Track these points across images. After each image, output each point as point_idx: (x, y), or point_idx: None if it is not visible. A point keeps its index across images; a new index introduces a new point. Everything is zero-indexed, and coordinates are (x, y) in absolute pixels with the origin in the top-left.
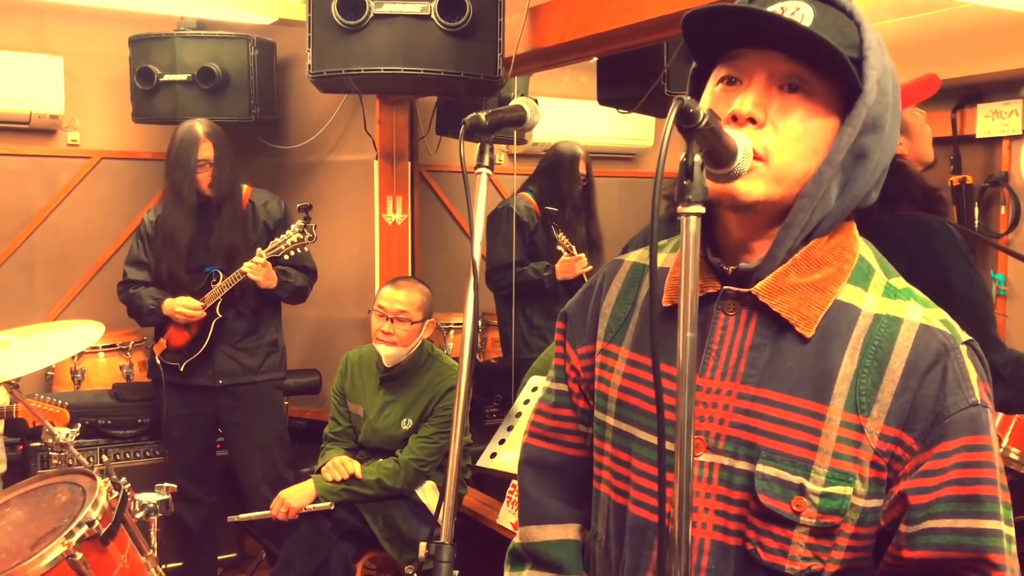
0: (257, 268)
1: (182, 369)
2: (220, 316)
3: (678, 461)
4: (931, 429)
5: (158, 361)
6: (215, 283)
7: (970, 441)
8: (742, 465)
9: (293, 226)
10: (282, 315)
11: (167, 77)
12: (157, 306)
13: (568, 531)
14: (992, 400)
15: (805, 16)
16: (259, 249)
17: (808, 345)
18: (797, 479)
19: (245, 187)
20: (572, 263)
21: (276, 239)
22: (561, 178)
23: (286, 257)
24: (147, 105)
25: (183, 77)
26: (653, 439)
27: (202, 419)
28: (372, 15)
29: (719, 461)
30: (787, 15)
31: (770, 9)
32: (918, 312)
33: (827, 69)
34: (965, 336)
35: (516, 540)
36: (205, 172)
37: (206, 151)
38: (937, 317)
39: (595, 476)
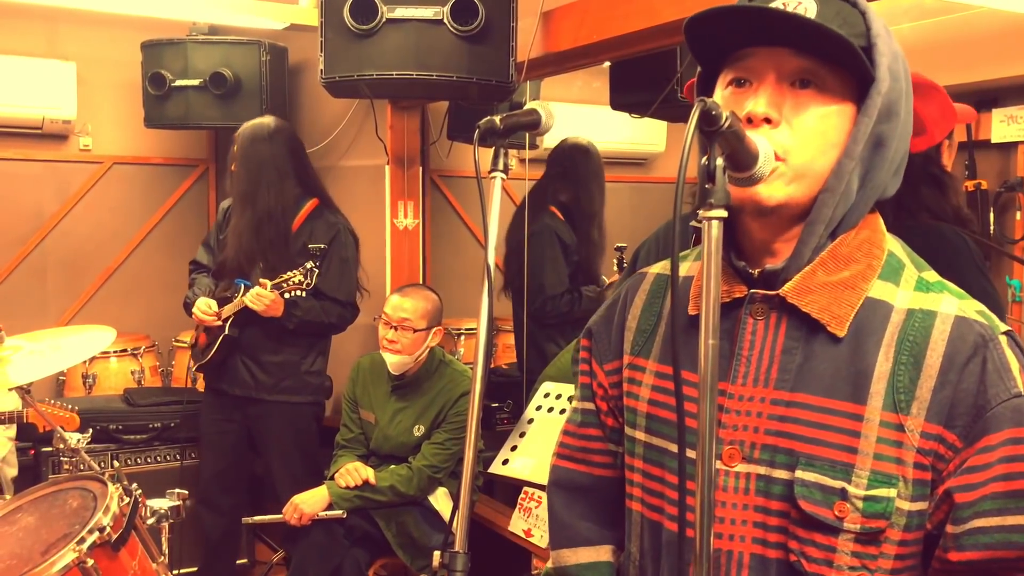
0: (256, 299)
1: (194, 369)
2: (227, 332)
3: (699, 470)
4: (973, 424)
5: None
6: (236, 295)
7: (1015, 434)
8: (780, 473)
9: (302, 266)
10: (327, 339)
11: (179, 82)
12: (192, 301)
13: (600, 553)
14: None
15: (808, 10)
16: (265, 280)
17: (841, 345)
18: (838, 483)
19: (311, 201)
20: None
21: (285, 274)
22: (592, 189)
23: (286, 296)
24: (159, 110)
25: (195, 82)
26: (691, 453)
27: (233, 426)
28: (384, 20)
29: (755, 471)
30: (790, 10)
31: (772, 6)
32: (953, 304)
33: (837, 61)
34: (1004, 326)
35: (549, 564)
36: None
37: (234, 150)
38: (973, 308)
39: (627, 494)
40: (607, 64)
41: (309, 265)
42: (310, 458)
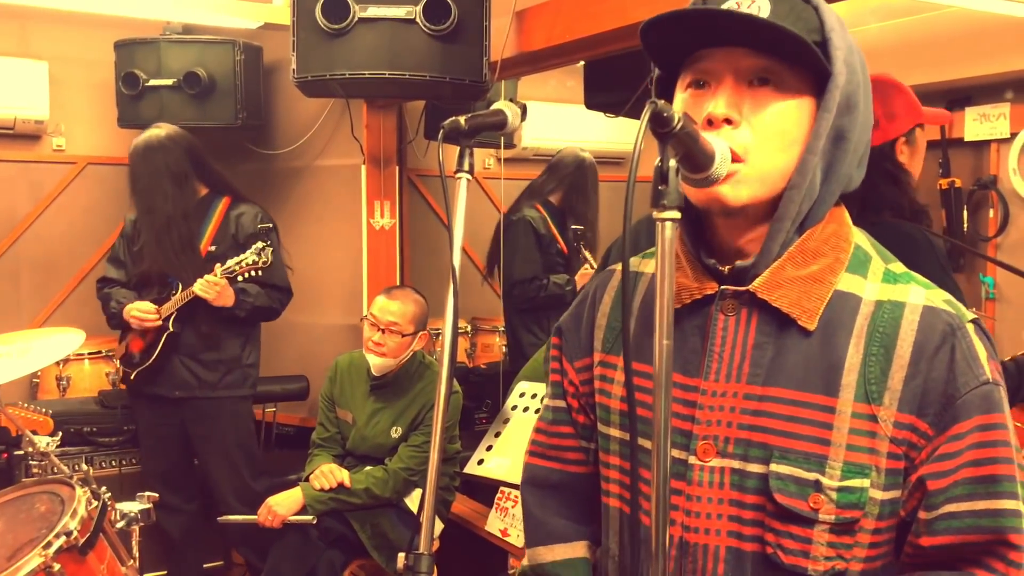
0: (208, 287)
1: (132, 378)
2: (172, 330)
3: (655, 466)
4: (944, 412)
5: (117, 365)
6: (174, 294)
7: (984, 420)
8: (754, 467)
9: (252, 247)
10: (259, 330)
11: (153, 82)
12: (119, 309)
13: (576, 549)
14: (1003, 378)
15: (761, 8)
16: (216, 267)
17: (812, 338)
18: (812, 475)
19: (224, 199)
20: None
21: (233, 259)
22: (588, 193)
23: (240, 279)
24: (133, 110)
25: (169, 82)
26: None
27: (171, 429)
28: (357, 19)
29: (729, 465)
30: (743, 9)
31: (725, 6)
32: (920, 294)
33: (792, 57)
34: (971, 315)
35: (525, 562)
36: None
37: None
38: (940, 298)
39: (603, 491)
40: (581, 63)
41: (260, 245)
42: (250, 452)
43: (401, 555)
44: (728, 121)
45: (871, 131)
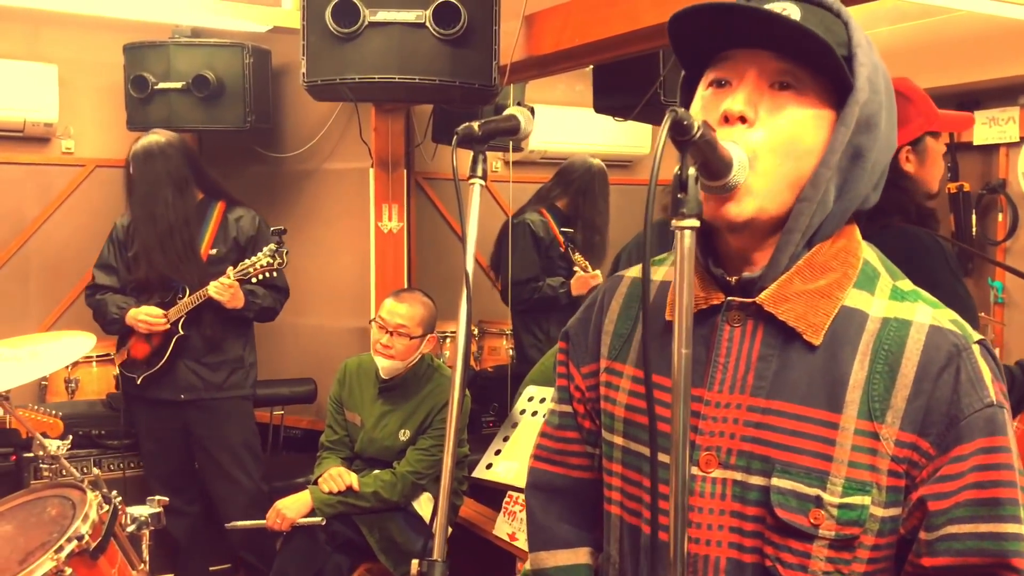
0: (223, 289)
1: (139, 382)
2: (181, 333)
3: (673, 478)
4: (947, 432)
5: (117, 371)
6: (180, 298)
7: (987, 443)
8: (756, 480)
9: (265, 249)
10: (254, 329)
11: (162, 85)
12: (121, 315)
13: (579, 555)
14: (1008, 400)
15: (792, 15)
16: (229, 269)
17: (817, 353)
18: (813, 491)
19: (219, 203)
20: (588, 280)
21: (246, 261)
22: (596, 199)
23: (254, 280)
24: (142, 113)
25: (178, 85)
26: (665, 457)
27: (173, 432)
28: (367, 23)
29: (732, 476)
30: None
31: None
32: (927, 313)
33: (817, 66)
34: (977, 336)
35: (527, 566)
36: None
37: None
38: (947, 317)
39: (605, 498)
40: (590, 67)
41: (273, 247)
42: (256, 451)
43: (415, 561)
44: (743, 120)
45: (891, 153)
